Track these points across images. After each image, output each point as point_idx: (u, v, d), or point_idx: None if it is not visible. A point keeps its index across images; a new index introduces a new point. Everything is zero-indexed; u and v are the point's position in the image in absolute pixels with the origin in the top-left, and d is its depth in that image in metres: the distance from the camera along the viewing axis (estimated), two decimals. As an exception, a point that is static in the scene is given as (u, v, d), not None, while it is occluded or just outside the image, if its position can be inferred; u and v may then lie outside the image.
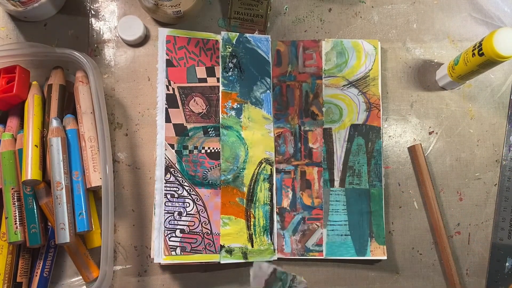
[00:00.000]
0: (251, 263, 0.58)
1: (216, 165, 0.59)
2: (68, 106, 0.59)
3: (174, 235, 0.58)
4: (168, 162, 0.59)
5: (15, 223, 0.54)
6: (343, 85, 0.61)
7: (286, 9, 0.63)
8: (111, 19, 0.63)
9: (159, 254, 0.57)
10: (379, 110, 0.61)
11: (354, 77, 0.61)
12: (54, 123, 0.55)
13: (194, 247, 0.58)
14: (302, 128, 0.61)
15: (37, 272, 0.56)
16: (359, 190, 0.59)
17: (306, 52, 0.62)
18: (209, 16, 0.63)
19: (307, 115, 0.61)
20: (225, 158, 0.59)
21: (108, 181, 0.54)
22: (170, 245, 0.57)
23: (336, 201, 0.59)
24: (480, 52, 0.52)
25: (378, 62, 0.62)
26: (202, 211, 0.59)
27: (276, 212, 0.59)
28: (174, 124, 0.60)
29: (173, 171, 0.59)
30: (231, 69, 0.61)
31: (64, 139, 0.55)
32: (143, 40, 0.62)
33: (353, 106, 0.61)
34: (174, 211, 0.58)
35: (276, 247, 0.59)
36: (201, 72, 0.61)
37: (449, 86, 0.62)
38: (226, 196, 0.59)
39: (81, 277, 0.58)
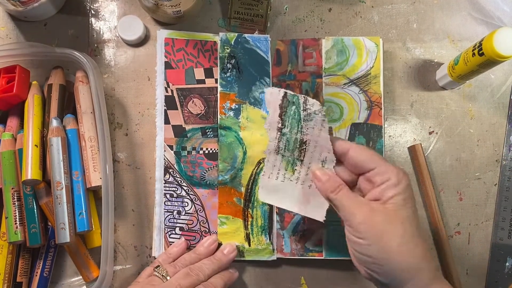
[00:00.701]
0: (248, 261, 0.59)
1: (214, 166, 0.59)
2: (68, 106, 0.59)
3: (174, 232, 0.58)
4: (167, 163, 0.59)
5: (15, 223, 0.54)
6: (344, 84, 0.61)
7: (286, 9, 0.63)
8: (111, 19, 0.63)
9: (160, 250, 0.58)
10: (381, 109, 0.60)
11: (355, 75, 0.61)
12: (54, 123, 0.55)
13: (193, 244, 0.58)
14: (302, 127, 0.60)
15: (37, 272, 0.56)
16: (360, 189, 0.59)
17: (306, 51, 0.61)
18: (209, 16, 0.63)
19: (307, 115, 0.61)
20: (222, 158, 0.59)
21: (108, 181, 0.54)
22: (170, 242, 0.58)
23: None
24: (480, 52, 0.52)
25: (380, 59, 0.61)
26: (200, 210, 0.59)
27: (276, 212, 0.59)
28: (173, 126, 0.60)
29: (171, 172, 0.59)
30: (229, 70, 0.61)
31: (64, 139, 0.55)
32: (143, 40, 0.62)
33: (354, 105, 0.60)
34: (174, 210, 0.59)
35: (275, 247, 0.58)
36: (199, 73, 0.61)
37: (449, 86, 0.61)
38: (223, 196, 0.59)
39: (81, 277, 0.58)
